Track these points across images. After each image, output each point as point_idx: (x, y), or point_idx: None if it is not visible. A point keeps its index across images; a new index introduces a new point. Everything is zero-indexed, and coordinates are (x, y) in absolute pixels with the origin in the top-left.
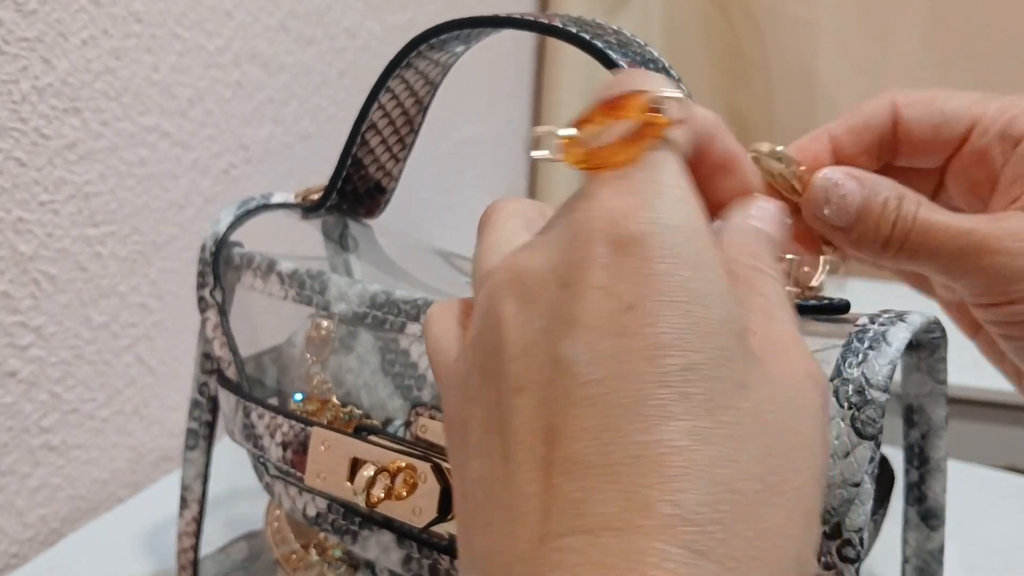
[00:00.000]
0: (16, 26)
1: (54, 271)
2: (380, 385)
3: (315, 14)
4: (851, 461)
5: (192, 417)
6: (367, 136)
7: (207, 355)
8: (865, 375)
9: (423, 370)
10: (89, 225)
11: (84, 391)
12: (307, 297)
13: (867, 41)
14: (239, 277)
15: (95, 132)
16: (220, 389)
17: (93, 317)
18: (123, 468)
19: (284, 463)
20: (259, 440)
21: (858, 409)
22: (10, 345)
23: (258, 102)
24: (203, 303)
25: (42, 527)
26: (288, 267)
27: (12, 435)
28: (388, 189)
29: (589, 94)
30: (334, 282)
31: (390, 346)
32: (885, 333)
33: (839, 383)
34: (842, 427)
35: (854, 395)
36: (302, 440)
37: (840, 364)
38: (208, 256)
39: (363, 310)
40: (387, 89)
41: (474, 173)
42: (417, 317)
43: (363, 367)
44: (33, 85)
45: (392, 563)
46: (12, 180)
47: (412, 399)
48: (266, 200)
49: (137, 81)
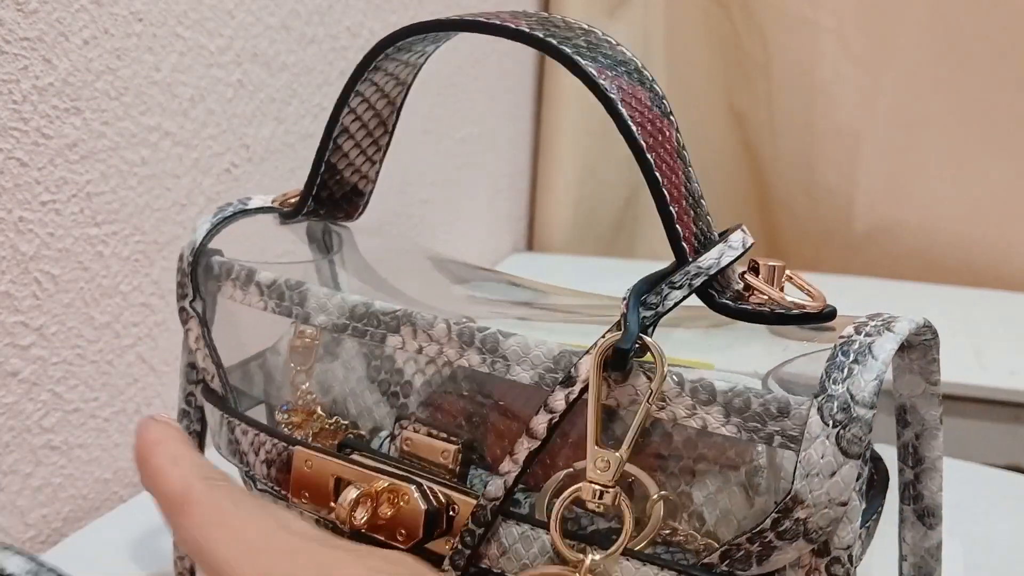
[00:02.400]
0: (17, 26)
1: (56, 271)
2: (366, 393)
3: (316, 13)
4: (837, 480)
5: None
6: (339, 141)
7: (191, 365)
8: (850, 391)
9: (409, 376)
10: (91, 225)
11: (86, 391)
12: (287, 309)
13: (868, 40)
14: (219, 287)
15: (96, 132)
16: (205, 402)
17: (95, 317)
18: (125, 468)
19: (269, 480)
20: (244, 456)
21: (843, 427)
22: (12, 345)
23: (260, 101)
24: (184, 314)
25: (44, 527)
26: (267, 277)
27: (14, 435)
28: (366, 192)
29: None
30: (313, 293)
31: (375, 352)
32: (871, 345)
33: (823, 400)
34: (827, 446)
35: (839, 412)
36: (284, 459)
37: (824, 380)
38: (187, 267)
39: (343, 321)
40: (357, 93)
41: (475, 172)
42: (398, 329)
43: (349, 374)
44: (34, 85)
45: None
46: (13, 180)
47: (398, 407)
48: (244, 206)
49: (138, 81)
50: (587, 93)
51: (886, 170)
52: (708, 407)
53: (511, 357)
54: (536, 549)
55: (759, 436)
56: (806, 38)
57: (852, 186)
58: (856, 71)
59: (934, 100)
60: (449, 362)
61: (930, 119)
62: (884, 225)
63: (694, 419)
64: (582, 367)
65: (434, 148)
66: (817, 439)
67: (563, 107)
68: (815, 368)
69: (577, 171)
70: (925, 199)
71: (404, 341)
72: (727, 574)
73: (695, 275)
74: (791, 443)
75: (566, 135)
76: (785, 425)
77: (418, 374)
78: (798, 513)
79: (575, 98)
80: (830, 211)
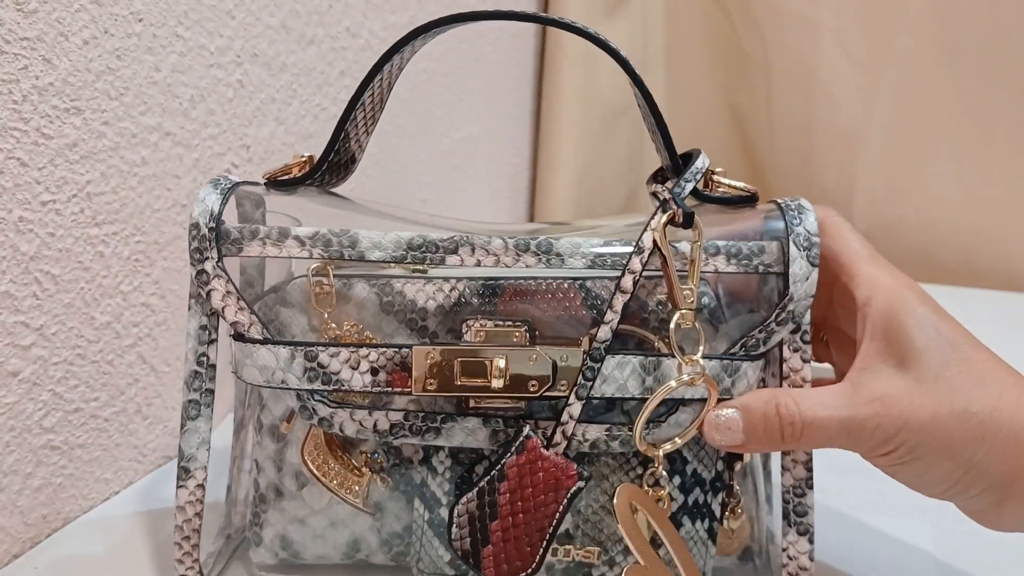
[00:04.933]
0: (17, 26)
1: (56, 271)
2: (384, 323)
3: (316, 14)
4: (810, 282)
5: (192, 389)
6: (356, 114)
7: (203, 327)
8: (807, 228)
9: (422, 303)
10: (91, 225)
11: (86, 391)
12: (337, 252)
13: (868, 39)
14: (240, 248)
15: (97, 132)
16: (258, 349)
17: (96, 317)
18: (126, 467)
19: (375, 387)
20: (334, 376)
21: (808, 250)
22: (12, 345)
23: (260, 102)
24: (204, 276)
25: (44, 527)
26: (306, 231)
27: (14, 435)
28: (358, 160)
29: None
30: (363, 235)
31: (385, 290)
32: (800, 203)
33: (794, 236)
34: (802, 263)
35: (804, 241)
36: (399, 361)
37: (788, 224)
38: (207, 232)
39: (400, 253)
40: (379, 72)
41: (474, 172)
42: (456, 250)
43: (363, 312)
44: (34, 85)
45: (479, 442)
46: (14, 180)
47: (418, 330)
48: (231, 181)
49: (138, 81)
50: (587, 93)
51: (885, 169)
52: (715, 257)
53: (564, 253)
54: (628, 370)
55: (750, 269)
56: (806, 38)
57: (851, 185)
58: (855, 71)
59: (933, 100)
60: (455, 286)
61: (929, 119)
62: (883, 224)
63: (708, 265)
64: (646, 239)
65: (433, 147)
66: (796, 259)
67: (563, 107)
68: (751, 226)
69: (576, 171)
70: (924, 198)
71: (463, 259)
72: (745, 356)
73: (697, 172)
74: (769, 268)
75: (565, 135)
76: (763, 259)
77: (429, 301)
78: (789, 306)
79: (575, 98)
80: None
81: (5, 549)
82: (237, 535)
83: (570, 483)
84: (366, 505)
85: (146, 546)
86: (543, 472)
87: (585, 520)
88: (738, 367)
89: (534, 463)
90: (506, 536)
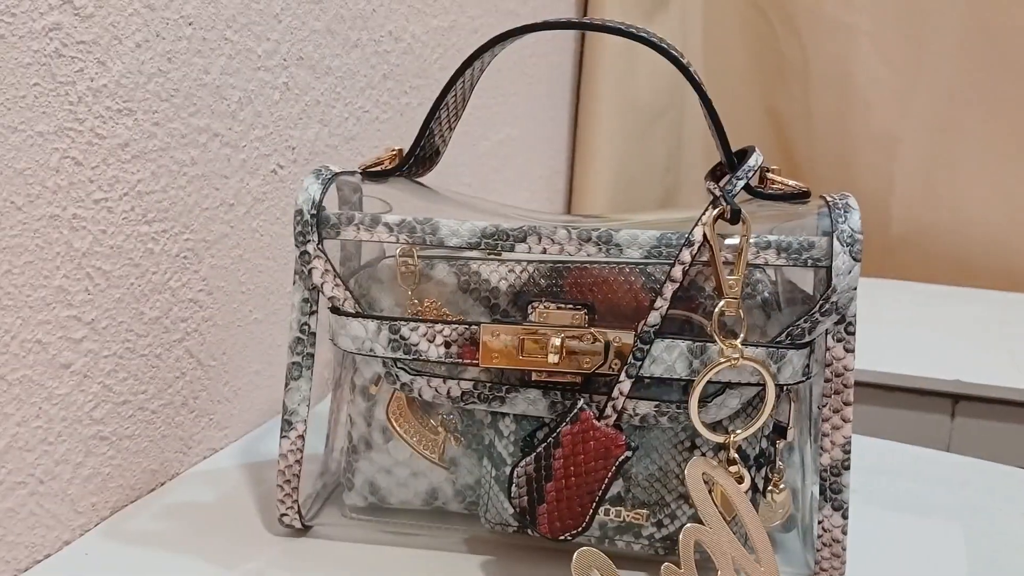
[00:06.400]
0: (74, 30)
1: (107, 267)
2: (460, 301)
3: (360, 18)
4: (852, 276)
5: (295, 352)
6: (440, 113)
7: (306, 300)
8: (851, 226)
9: (495, 283)
10: (142, 222)
11: (135, 383)
12: (420, 238)
13: (905, 43)
14: (338, 232)
15: (148, 132)
16: (350, 321)
17: (145, 312)
18: (171, 459)
19: (448, 358)
20: (413, 347)
21: (851, 246)
22: (65, 338)
23: (305, 104)
24: (306, 256)
25: (93, 515)
26: (394, 218)
27: (65, 425)
28: (442, 153)
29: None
30: (443, 223)
31: (463, 270)
32: (847, 201)
33: (838, 233)
34: (845, 258)
35: (848, 238)
36: (468, 336)
37: (834, 221)
38: (309, 218)
39: (475, 240)
40: (462, 77)
41: (513, 174)
42: (524, 239)
43: (443, 290)
44: (89, 86)
45: (538, 411)
46: (68, 178)
47: (491, 307)
48: (331, 171)
49: (188, 83)
50: (624, 96)
51: (922, 174)
52: (766, 250)
53: (623, 244)
54: (676, 353)
55: (799, 262)
56: (843, 41)
57: (888, 190)
58: (892, 75)
59: (970, 104)
60: (526, 268)
61: (966, 123)
62: (920, 228)
63: (758, 259)
64: (696, 233)
65: (472, 149)
66: (839, 254)
67: (600, 110)
68: (806, 223)
69: (613, 174)
70: (961, 203)
71: (530, 247)
72: (790, 345)
73: (749, 170)
74: (818, 263)
75: (602, 138)
76: (812, 253)
77: (502, 281)
78: (833, 298)
79: (612, 101)
80: (866, 214)
81: (56, 536)
82: (332, 480)
83: (619, 452)
84: (441, 460)
85: (183, 541)
86: (594, 441)
87: (636, 485)
88: (784, 354)
89: (586, 432)
90: (559, 496)
